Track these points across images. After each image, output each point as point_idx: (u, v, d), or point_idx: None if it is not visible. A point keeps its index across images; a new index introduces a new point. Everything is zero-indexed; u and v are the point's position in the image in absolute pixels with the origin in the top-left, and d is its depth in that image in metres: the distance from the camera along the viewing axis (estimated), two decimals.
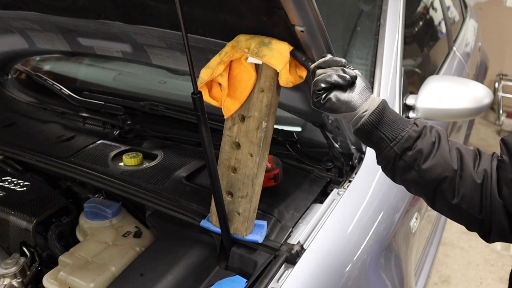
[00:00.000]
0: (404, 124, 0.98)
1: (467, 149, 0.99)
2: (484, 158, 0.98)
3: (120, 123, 1.82)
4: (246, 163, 1.19)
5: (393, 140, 0.97)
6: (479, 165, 0.96)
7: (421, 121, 0.99)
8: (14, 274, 1.37)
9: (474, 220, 0.97)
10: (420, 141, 0.96)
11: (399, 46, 1.79)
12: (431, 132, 0.98)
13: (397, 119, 0.98)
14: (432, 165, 0.95)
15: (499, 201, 0.94)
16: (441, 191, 0.97)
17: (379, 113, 0.97)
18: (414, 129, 0.97)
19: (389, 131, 0.97)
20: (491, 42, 4.44)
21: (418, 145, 0.96)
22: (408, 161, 0.97)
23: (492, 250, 3.19)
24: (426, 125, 0.99)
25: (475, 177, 0.95)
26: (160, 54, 1.52)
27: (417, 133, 0.96)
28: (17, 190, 1.58)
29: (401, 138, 0.96)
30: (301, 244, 1.21)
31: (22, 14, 1.60)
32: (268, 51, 1.07)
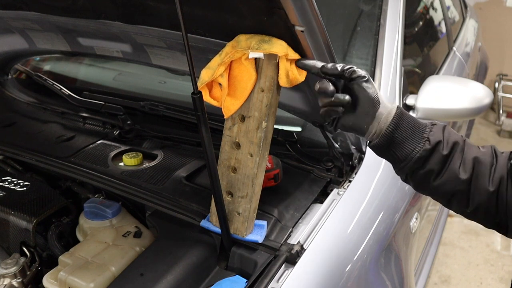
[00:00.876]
0: (416, 141, 0.96)
1: (484, 155, 0.97)
2: (500, 162, 0.96)
3: (120, 123, 1.82)
4: (246, 163, 1.19)
5: (403, 161, 0.98)
6: (495, 171, 0.95)
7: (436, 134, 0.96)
8: (14, 274, 1.37)
9: (490, 222, 0.99)
10: (431, 160, 0.96)
11: (399, 46, 1.79)
12: (447, 144, 0.96)
13: (409, 136, 0.96)
14: (443, 182, 0.97)
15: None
16: (455, 202, 0.99)
17: (389, 135, 0.97)
18: (425, 149, 0.96)
19: (399, 151, 0.97)
20: (491, 42, 4.45)
21: (428, 165, 0.96)
22: (420, 179, 0.99)
23: (492, 250, 3.19)
24: (441, 139, 0.96)
25: (488, 186, 0.94)
26: (160, 54, 1.52)
27: (428, 152, 0.96)
28: (17, 190, 1.58)
29: (410, 160, 0.97)
30: (301, 244, 1.21)
31: (22, 14, 1.60)
32: (269, 45, 1.07)
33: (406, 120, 0.98)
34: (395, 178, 1.06)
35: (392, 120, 0.97)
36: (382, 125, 0.98)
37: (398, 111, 0.98)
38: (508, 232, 0.98)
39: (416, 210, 1.72)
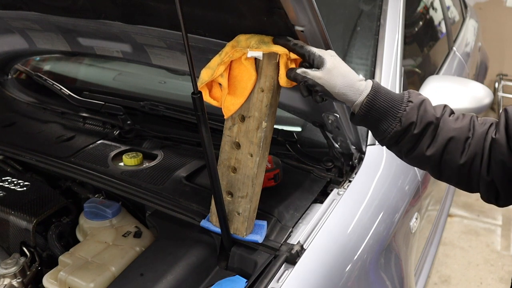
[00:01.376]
0: (389, 121, 1.00)
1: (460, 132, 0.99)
2: (476, 136, 0.98)
3: (120, 123, 1.82)
4: (246, 163, 1.19)
5: (379, 137, 1.04)
6: (469, 146, 0.98)
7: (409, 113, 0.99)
8: (14, 274, 1.37)
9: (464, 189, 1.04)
10: (403, 139, 1.01)
11: (399, 46, 1.79)
12: (420, 124, 0.99)
13: (383, 116, 1.01)
14: (413, 158, 1.03)
15: (486, 179, 0.97)
16: (429, 171, 1.05)
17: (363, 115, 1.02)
18: (396, 130, 1.00)
19: (374, 129, 1.04)
20: (491, 42, 4.44)
21: (400, 143, 1.02)
22: (394, 152, 1.06)
23: (492, 250, 3.19)
24: (415, 119, 0.99)
25: (460, 160, 0.98)
26: (160, 54, 1.52)
27: (398, 134, 1.00)
28: (17, 190, 1.58)
29: (384, 138, 1.02)
30: (301, 244, 1.21)
31: (22, 14, 1.60)
32: (267, 47, 1.07)
33: (379, 101, 1.01)
34: (395, 178, 1.07)
35: (363, 104, 1.01)
36: (355, 107, 1.03)
37: (370, 95, 1.01)
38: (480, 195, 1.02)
39: (416, 210, 1.72)
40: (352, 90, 1.01)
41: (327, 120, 1.35)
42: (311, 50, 1.04)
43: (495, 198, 0.99)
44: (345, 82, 1.01)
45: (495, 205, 1.01)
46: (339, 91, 1.01)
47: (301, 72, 1.04)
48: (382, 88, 1.03)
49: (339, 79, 1.01)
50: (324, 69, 1.02)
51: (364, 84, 1.02)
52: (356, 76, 1.03)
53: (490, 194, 0.99)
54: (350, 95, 1.02)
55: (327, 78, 1.01)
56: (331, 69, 1.02)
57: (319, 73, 1.02)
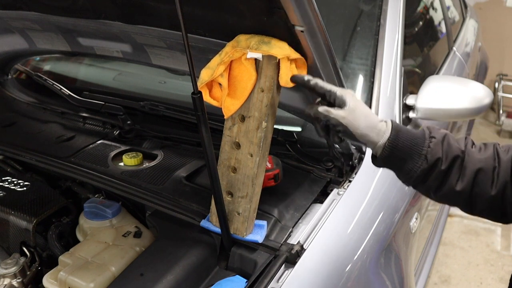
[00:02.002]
0: (414, 160, 0.97)
1: (486, 163, 0.96)
2: (503, 165, 0.96)
3: (120, 123, 1.82)
4: (246, 163, 1.19)
5: (404, 177, 1.00)
6: (498, 176, 0.95)
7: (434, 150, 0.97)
8: (14, 274, 1.37)
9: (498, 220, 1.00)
10: (430, 176, 0.97)
11: (399, 46, 1.79)
12: (446, 159, 0.96)
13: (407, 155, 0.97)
14: (443, 195, 0.99)
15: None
16: (460, 207, 1.01)
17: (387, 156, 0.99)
18: (422, 168, 0.97)
19: (399, 169, 1.00)
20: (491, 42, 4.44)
21: (427, 182, 0.98)
22: (423, 191, 1.02)
23: (492, 250, 3.19)
24: (440, 155, 0.96)
25: (491, 191, 0.95)
26: (160, 54, 1.52)
27: (425, 171, 0.97)
28: (17, 190, 1.58)
29: (411, 178, 0.99)
30: (301, 244, 1.21)
31: (22, 14, 1.60)
32: (268, 47, 1.07)
33: (402, 140, 0.98)
34: (395, 178, 1.07)
35: (386, 145, 0.98)
36: (376, 151, 1.00)
37: (392, 135, 0.98)
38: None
39: (416, 210, 1.72)
40: (375, 131, 0.99)
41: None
42: (332, 89, 1.01)
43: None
44: (368, 123, 0.99)
45: None
46: (362, 132, 0.99)
47: (323, 110, 1.00)
48: (402, 127, 1.00)
49: (362, 119, 0.99)
50: (347, 109, 0.99)
51: (385, 126, 1.00)
52: (377, 117, 1.01)
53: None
54: (373, 136, 0.99)
55: (351, 118, 0.98)
56: (354, 109, 0.99)
57: (343, 113, 0.99)
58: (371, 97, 1.64)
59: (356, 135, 0.99)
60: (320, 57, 1.11)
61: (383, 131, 0.99)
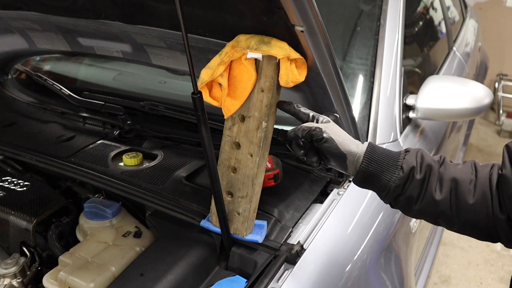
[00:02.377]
0: (391, 172, 1.01)
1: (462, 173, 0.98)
2: (480, 177, 0.97)
3: (120, 123, 1.82)
4: (246, 163, 1.19)
5: (383, 191, 1.03)
6: (475, 187, 0.97)
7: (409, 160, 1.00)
8: (14, 274, 1.37)
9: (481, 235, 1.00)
10: (408, 186, 1.00)
11: (399, 46, 1.79)
12: (421, 168, 0.99)
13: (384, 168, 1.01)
14: (423, 206, 1.00)
15: (500, 217, 0.94)
16: (441, 221, 1.02)
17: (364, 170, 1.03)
18: (400, 177, 1.00)
19: (378, 182, 1.03)
20: (491, 42, 4.45)
21: (407, 192, 1.00)
22: (403, 205, 1.03)
23: (492, 250, 3.19)
24: (415, 164, 0.99)
25: (470, 202, 0.96)
26: (160, 54, 1.52)
27: (403, 179, 1.00)
28: (17, 190, 1.58)
29: (389, 189, 1.01)
30: (301, 244, 1.21)
31: (22, 14, 1.60)
32: (267, 47, 1.07)
33: (378, 154, 1.03)
34: None
35: (363, 158, 1.03)
36: (356, 164, 1.04)
37: (369, 148, 1.04)
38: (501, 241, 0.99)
39: None
40: (355, 143, 1.05)
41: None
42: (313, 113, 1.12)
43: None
44: (347, 136, 1.06)
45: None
46: (343, 141, 1.05)
47: (308, 124, 1.08)
48: (377, 145, 1.06)
49: (341, 132, 1.07)
50: (331, 123, 1.09)
51: (361, 144, 1.06)
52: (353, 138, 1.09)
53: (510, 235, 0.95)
54: (353, 147, 1.04)
55: (333, 128, 1.06)
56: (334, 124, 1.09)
57: (326, 124, 1.07)
58: (371, 97, 1.64)
59: (338, 143, 1.04)
60: (320, 57, 1.11)
61: (361, 145, 1.05)
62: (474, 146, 4.50)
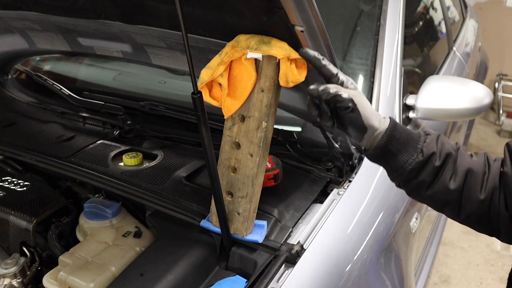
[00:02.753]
0: (409, 153, 0.97)
1: (477, 165, 0.97)
2: (492, 171, 0.97)
3: (120, 123, 1.82)
4: (246, 163, 1.19)
5: (397, 171, 0.99)
6: (487, 180, 0.96)
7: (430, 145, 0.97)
8: (14, 274, 1.37)
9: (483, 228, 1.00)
10: (424, 171, 0.97)
11: (399, 46, 1.79)
12: (440, 156, 0.97)
13: (403, 147, 0.98)
14: (434, 193, 0.98)
15: (505, 214, 0.94)
16: (447, 210, 1.01)
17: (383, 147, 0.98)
18: (418, 161, 0.97)
19: (393, 162, 0.99)
20: (491, 42, 4.44)
21: (420, 176, 0.98)
22: (412, 188, 1.01)
23: (492, 250, 3.19)
24: (435, 150, 0.97)
25: (480, 195, 0.95)
26: (160, 54, 1.52)
27: (421, 164, 0.97)
28: (17, 190, 1.58)
29: (404, 171, 0.98)
30: (301, 244, 1.21)
31: (22, 14, 1.60)
32: (267, 47, 1.07)
33: (399, 132, 0.99)
34: None
35: (385, 133, 0.99)
36: (374, 139, 1.00)
37: (391, 125, 0.99)
38: (501, 237, 0.99)
39: (416, 210, 1.72)
40: (377, 118, 1.00)
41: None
42: (339, 73, 1.01)
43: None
44: (372, 109, 1.00)
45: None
46: (368, 114, 0.98)
47: (334, 87, 0.97)
48: (399, 123, 1.02)
49: (368, 103, 1.00)
50: (357, 90, 1.00)
51: (383, 118, 1.01)
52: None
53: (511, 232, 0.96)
54: (375, 122, 0.99)
55: (360, 98, 0.98)
56: (362, 93, 1.00)
57: (354, 92, 0.98)
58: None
59: (363, 115, 0.97)
60: None
61: (384, 120, 1.01)
62: (474, 146, 4.50)
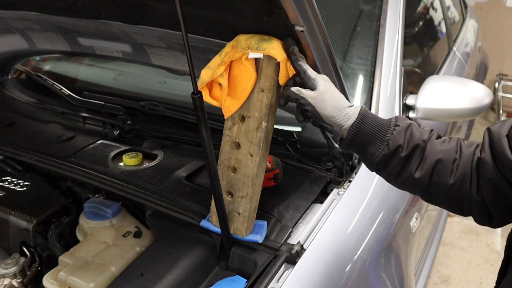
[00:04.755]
0: (377, 145, 1.02)
1: (447, 154, 0.99)
2: (464, 157, 0.98)
3: (120, 123, 1.82)
4: (246, 163, 1.19)
5: (367, 161, 1.05)
6: (458, 167, 0.98)
7: (397, 137, 1.00)
8: (14, 274, 1.37)
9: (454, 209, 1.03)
10: (391, 162, 1.01)
11: (399, 46, 1.79)
12: (407, 147, 1.00)
13: (371, 140, 1.02)
14: (402, 181, 1.03)
15: (476, 198, 0.96)
16: (419, 195, 1.05)
17: (351, 139, 1.03)
18: (384, 153, 1.01)
19: (362, 153, 1.04)
20: (491, 42, 4.45)
21: (388, 167, 1.02)
22: (384, 177, 1.08)
23: (492, 250, 3.20)
24: (402, 143, 1.00)
25: (449, 181, 0.98)
26: (160, 54, 1.52)
27: (387, 156, 1.01)
28: (17, 190, 1.58)
29: (372, 162, 1.03)
30: (301, 244, 1.21)
31: (22, 14, 1.60)
32: (268, 45, 1.07)
33: (367, 125, 1.02)
34: None
35: (351, 127, 1.03)
36: (342, 132, 1.05)
37: (358, 118, 1.03)
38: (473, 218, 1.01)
39: (416, 210, 1.72)
40: (341, 114, 1.04)
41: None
42: (307, 70, 1.07)
43: (488, 219, 0.99)
44: (335, 106, 1.04)
45: (489, 227, 1.00)
46: (328, 113, 1.04)
47: (295, 90, 1.07)
48: (370, 113, 1.05)
49: (330, 102, 1.05)
50: (317, 91, 1.05)
51: (353, 110, 1.05)
52: (346, 103, 1.06)
53: (482, 215, 0.98)
54: (339, 119, 1.04)
55: (320, 99, 1.05)
56: (324, 92, 1.05)
57: (312, 94, 1.05)
58: (371, 97, 1.64)
59: (323, 116, 1.05)
60: (320, 57, 1.11)
61: (350, 115, 1.04)
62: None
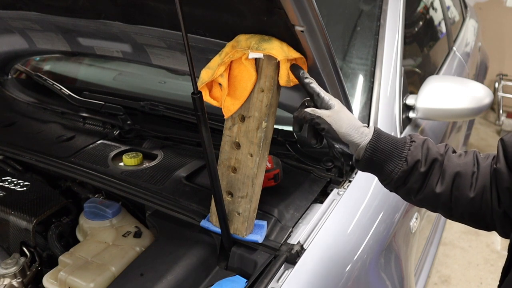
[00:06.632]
0: (395, 162, 1.00)
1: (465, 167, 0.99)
2: (482, 170, 0.98)
3: (120, 123, 1.82)
4: (246, 163, 1.19)
5: (385, 180, 1.04)
6: (477, 180, 0.97)
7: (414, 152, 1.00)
8: (14, 274, 1.37)
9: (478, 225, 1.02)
10: (410, 178, 1.00)
11: (399, 46, 1.79)
12: (426, 162, 0.99)
13: (388, 157, 1.01)
14: (423, 198, 1.02)
15: (498, 210, 0.96)
16: (440, 211, 1.04)
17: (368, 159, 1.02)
18: (403, 169, 1.00)
19: (380, 172, 1.04)
20: (491, 42, 4.44)
21: (408, 184, 1.01)
22: (403, 195, 1.05)
23: (492, 250, 3.19)
24: (420, 158, 0.99)
25: (470, 194, 0.97)
26: (160, 54, 1.52)
27: (406, 172, 1.00)
28: (17, 190, 1.58)
29: (391, 180, 1.02)
30: (301, 244, 1.21)
31: (22, 14, 1.60)
32: (268, 45, 1.07)
33: (382, 143, 1.02)
34: None
35: (368, 146, 1.02)
36: (359, 152, 1.04)
37: (374, 137, 1.02)
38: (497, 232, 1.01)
39: (416, 210, 1.72)
40: (357, 133, 1.03)
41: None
42: (321, 92, 1.07)
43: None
44: (351, 125, 1.04)
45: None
46: (345, 131, 1.03)
47: (310, 110, 1.06)
48: (384, 132, 1.05)
49: (345, 121, 1.04)
50: (333, 110, 1.05)
51: (367, 129, 1.04)
52: (360, 122, 1.06)
53: (505, 226, 0.97)
54: (355, 137, 1.03)
55: (336, 117, 1.04)
56: (339, 111, 1.05)
57: (328, 112, 1.05)
58: (371, 97, 1.64)
59: (340, 134, 1.03)
60: (320, 57, 1.11)
61: (365, 134, 1.03)
62: (474, 146, 4.50)
